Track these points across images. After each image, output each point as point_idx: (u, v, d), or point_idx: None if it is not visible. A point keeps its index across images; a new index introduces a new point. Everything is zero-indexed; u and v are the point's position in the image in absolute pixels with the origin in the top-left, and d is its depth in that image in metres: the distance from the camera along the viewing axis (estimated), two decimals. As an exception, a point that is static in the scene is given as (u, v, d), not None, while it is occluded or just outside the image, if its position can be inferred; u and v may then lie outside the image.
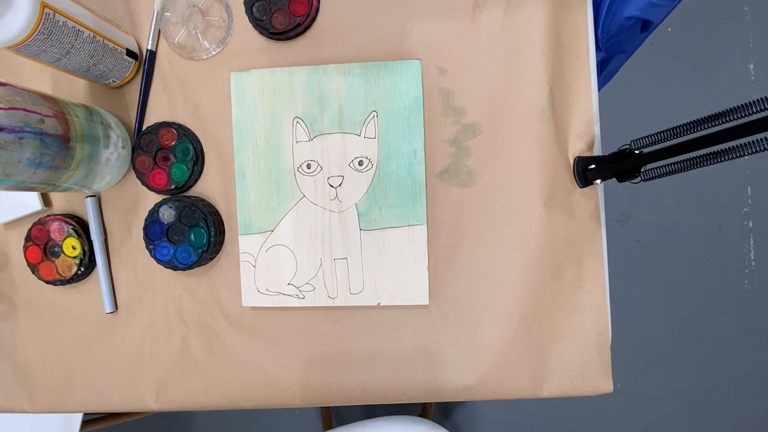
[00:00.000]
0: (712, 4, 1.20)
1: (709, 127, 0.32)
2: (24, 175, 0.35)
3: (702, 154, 0.32)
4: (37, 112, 0.35)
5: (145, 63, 0.46)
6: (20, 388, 0.50)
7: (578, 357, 0.44)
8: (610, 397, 0.46)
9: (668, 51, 1.20)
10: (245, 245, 0.45)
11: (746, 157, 0.32)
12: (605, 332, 0.44)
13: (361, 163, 0.44)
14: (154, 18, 0.46)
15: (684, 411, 1.21)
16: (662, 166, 0.35)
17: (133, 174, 0.47)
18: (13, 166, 0.34)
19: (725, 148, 0.30)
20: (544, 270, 0.44)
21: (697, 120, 0.33)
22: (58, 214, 0.47)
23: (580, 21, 0.44)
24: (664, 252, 1.21)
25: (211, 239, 0.44)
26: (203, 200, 0.46)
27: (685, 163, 0.33)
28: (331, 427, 0.99)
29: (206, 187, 0.47)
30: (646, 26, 0.50)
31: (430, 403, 1.07)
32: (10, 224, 0.49)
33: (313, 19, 0.45)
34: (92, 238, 0.47)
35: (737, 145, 0.29)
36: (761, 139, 0.28)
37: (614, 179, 0.41)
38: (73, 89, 0.48)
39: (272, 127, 0.45)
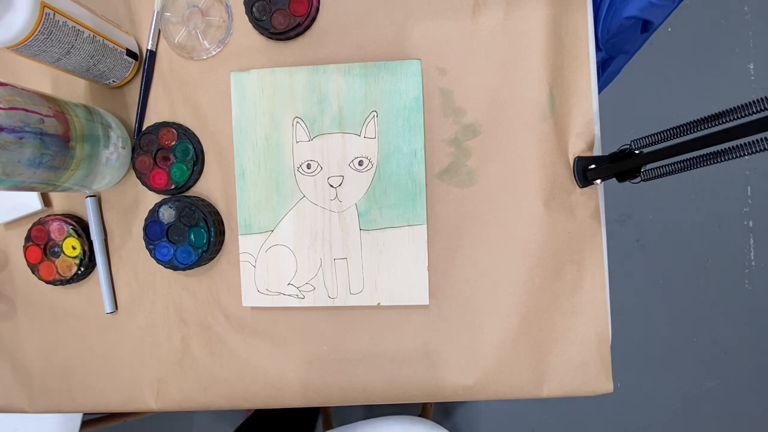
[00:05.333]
0: (712, 4, 1.20)
1: (709, 127, 0.32)
2: (24, 175, 0.35)
3: (702, 154, 0.32)
4: (37, 112, 0.35)
5: (145, 63, 0.46)
6: (20, 388, 0.50)
7: (578, 357, 0.44)
8: (610, 397, 0.46)
9: (668, 51, 1.20)
10: (245, 245, 0.45)
11: (746, 157, 0.32)
12: (605, 332, 0.44)
13: (361, 163, 0.44)
14: (154, 18, 0.46)
15: (684, 411, 1.21)
16: (662, 166, 0.35)
17: (133, 174, 0.47)
18: (13, 166, 0.34)
19: (725, 148, 0.30)
20: (544, 270, 0.44)
21: (697, 120, 0.33)
22: (58, 214, 0.47)
23: (580, 21, 0.44)
24: (664, 252, 1.21)
25: (211, 239, 0.44)
26: (203, 200, 0.46)
27: (685, 163, 0.33)
28: (331, 428, 0.99)
29: (206, 187, 0.47)
30: (646, 27, 0.50)
31: (430, 403, 1.07)
32: (10, 224, 0.49)
33: (313, 19, 0.45)
34: (92, 238, 0.47)
35: (737, 145, 0.29)
36: (761, 139, 0.28)
37: (614, 179, 0.41)
38: (73, 89, 0.48)
39: (272, 127, 0.45)
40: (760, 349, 1.20)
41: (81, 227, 0.47)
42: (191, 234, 0.45)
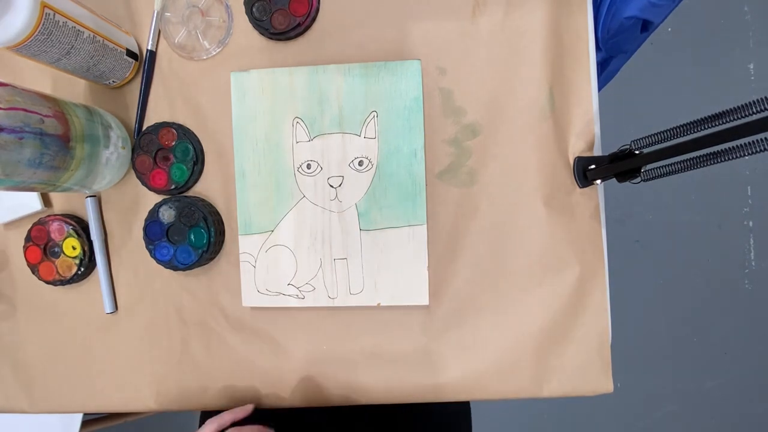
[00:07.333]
0: (712, 4, 1.20)
1: (709, 127, 0.32)
2: (24, 175, 0.35)
3: (702, 154, 0.32)
4: (37, 112, 0.35)
5: (145, 63, 0.46)
6: (20, 388, 0.50)
7: (578, 357, 0.44)
8: (610, 397, 0.46)
9: (668, 51, 1.20)
10: (245, 245, 0.45)
11: (746, 157, 0.32)
12: (605, 332, 0.44)
13: (361, 163, 0.44)
14: (154, 18, 0.46)
15: (684, 411, 1.21)
16: (662, 166, 0.35)
17: (133, 174, 0.47)
18: (13, 166, 0.34)
19: (725, 148, 0.30)
20: (544, 270, 0.44)
21: (698, 120, 0.33)
22: (58, 214, 0.47)
23: (580, 21, 0.44)
24: (664, 252, 1.21)
25: (211, 239, 0.44)
26: (203, 200, 0.46)
27: (685, 163, 0.33)
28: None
29: (206, 187, 0.47)
30: (646, 26, 0.50)
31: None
32: (10, 224, 0.49)
33: (313, 19, 0.45)
34: (92, 238, 0.47)
35: (737, 145, 0.29)
36: (761, 139, 0.28)
37: (614, 179, 0.41)
38: (73, 89, 0.48)
39: (272, 127, 0.45)
40: (760, 349, 1.20)
41: (81, 227, 0.47)
42: (191, 234, 0.45)
